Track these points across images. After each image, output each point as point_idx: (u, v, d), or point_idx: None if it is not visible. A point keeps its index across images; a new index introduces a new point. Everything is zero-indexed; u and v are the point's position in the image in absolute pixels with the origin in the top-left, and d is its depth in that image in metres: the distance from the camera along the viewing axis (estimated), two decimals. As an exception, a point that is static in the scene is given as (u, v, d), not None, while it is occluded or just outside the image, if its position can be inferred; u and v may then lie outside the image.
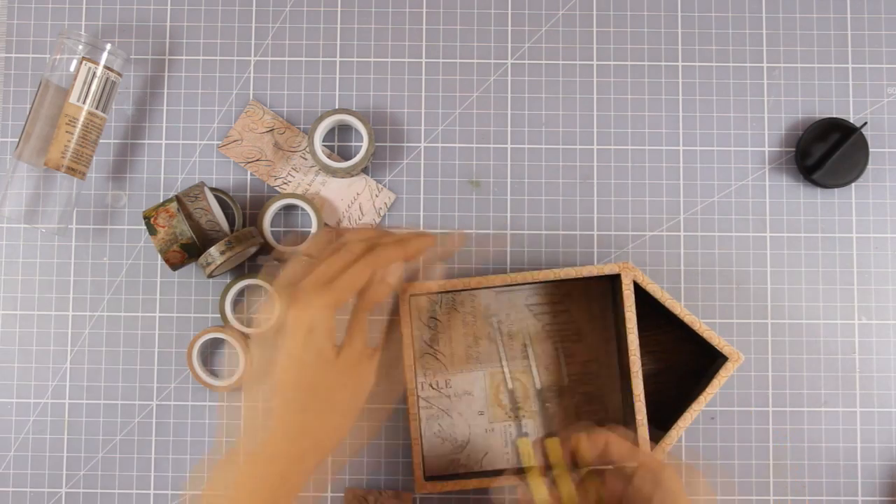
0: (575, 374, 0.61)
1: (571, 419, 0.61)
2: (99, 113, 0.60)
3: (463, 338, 0.61)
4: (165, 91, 0.64)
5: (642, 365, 0.57)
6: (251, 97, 0.64)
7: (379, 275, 0.52)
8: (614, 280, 0.59)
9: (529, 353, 0.61)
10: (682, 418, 0.56)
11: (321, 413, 0.49)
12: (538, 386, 0.61)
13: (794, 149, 0.63)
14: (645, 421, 0.56)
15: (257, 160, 0.64)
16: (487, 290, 0.61)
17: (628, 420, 0.58)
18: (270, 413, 0.49)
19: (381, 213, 0.63)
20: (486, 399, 0.61)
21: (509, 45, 0.64)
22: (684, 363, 0.61)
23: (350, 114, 0.62)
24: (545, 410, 0.61)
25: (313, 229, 0.62)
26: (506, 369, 0.61)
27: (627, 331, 0.56)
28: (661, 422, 0.58)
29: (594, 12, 0.65)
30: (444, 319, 0.61)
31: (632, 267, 0.56)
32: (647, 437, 0.56)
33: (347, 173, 0.62)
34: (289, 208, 0.63)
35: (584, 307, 0.61)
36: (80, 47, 0.59)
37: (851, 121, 0.63)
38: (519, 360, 0.61)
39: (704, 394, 0.56)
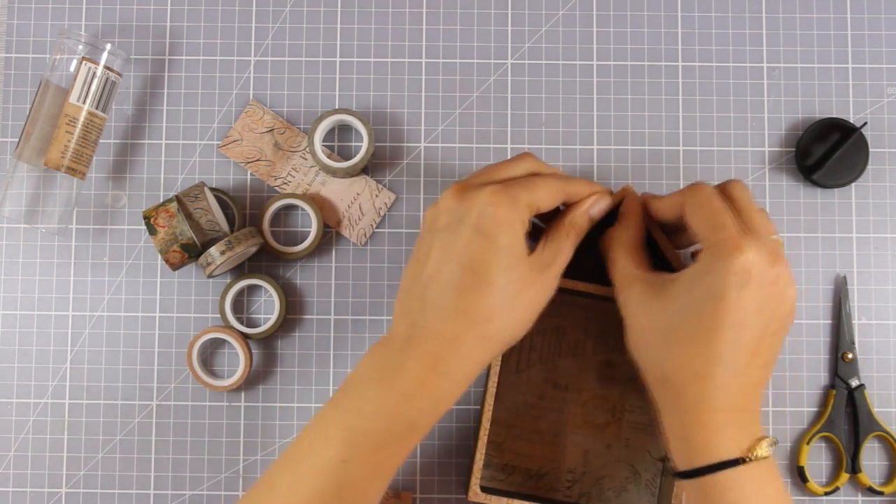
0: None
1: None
2: (99, 113, 0.60)
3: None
4: (165, 91, 0.64)
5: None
6: (251, 97, 0.64)
7: (585, 205, 0.52)
8: None
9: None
10: None
11: (487, 298, 0.47)
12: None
13: (794, 149, 0.63)
14: None
15: (257, 160, 0.64)
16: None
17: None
18: (426, 297, 0.47)
19: (381, 213, 0.63)
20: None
21: (509, 45, 0.64)
22: None
23: (350, 114, 0.62)
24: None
25: (313, 229, 0.62)
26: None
27: None
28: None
29: (594, 12, 0.65)
30: None
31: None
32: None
33: (347, 173, 0.62)
34: (289, 208, 0.63)
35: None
36: (80, 47, 0.59)
37: (851, 121, 0.63)
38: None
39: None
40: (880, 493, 0.61)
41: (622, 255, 0.52)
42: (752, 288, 0.45)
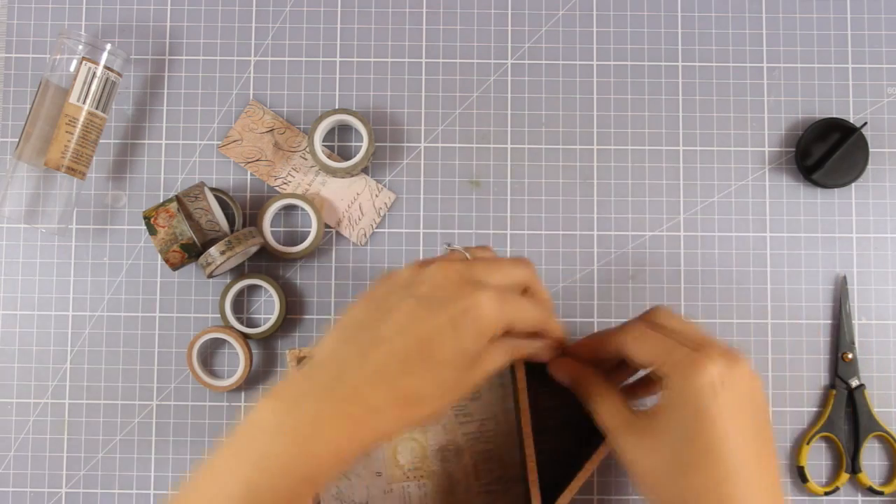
0: (472, 433, 0.59)
1: (470, 479, 0.59)
2: (99, 113, 0.60)
3: None
4: (165, 91, 0.64)
5: (545, 421, 0.57)
6: (251, 97, 0.64)
7: (535, 346, 0.52)
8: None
9: None
10: (568, 489, 0.54)
11: (427, 387, 0.46)
12: (435, 446, 0.59)
13: (794, 149, 0.63)
14: (537, 481, 0.54)
15: (257, 160, 0.64)
16: None
17: (524, 479, 0.56)
18: (368, 356, 0.46)
19: (381, 213, 0.63)
20: (383, 460, 0.59)
21: (509, 45, 0.64)
22: (585, 418, 0.56)
23: (350, 114, 0.62)
24: (444, 470, 0.59)
25: (313, 229, 0.62)
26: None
27: (520, 411, 0.54)
28: (563, 478, 0.55)
29: (594, 12, 0.65)
30: None
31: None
32: (539, 498, 0.54)
33: (347, 173, 0.62)
34: (289, 208, 0.63)
35: None
36: (80, 47, 0.59)
37: (851, 121, 0.63)
38: None
39: (583, 470, 0.54)
40: (880, 493, 0.61)
41: (604, 407, 0.51)
42: (726, 394, 0.45)
